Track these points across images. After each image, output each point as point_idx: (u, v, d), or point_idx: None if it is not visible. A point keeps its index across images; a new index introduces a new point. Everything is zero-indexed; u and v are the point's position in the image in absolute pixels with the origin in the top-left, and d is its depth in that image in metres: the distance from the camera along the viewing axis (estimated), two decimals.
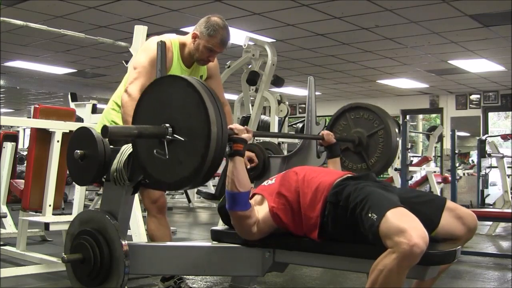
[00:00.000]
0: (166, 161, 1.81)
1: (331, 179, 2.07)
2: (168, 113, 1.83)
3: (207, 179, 1.82)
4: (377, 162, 2.84)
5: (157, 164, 1.86)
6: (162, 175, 1.86)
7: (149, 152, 1.87)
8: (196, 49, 2.69)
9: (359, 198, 1.89)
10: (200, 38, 2.66)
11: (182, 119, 1.80)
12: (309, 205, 2.04)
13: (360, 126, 2.89)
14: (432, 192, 7.56)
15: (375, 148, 2.84)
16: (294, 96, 11.28)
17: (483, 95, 10.83)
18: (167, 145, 1.80)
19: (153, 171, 1.89)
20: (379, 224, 1.76)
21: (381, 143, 2.82)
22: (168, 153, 1.79)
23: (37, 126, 3.46)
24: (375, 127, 2.85)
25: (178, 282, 2.83)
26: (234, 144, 2.01)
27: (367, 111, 2.90)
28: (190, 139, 1.78)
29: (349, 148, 2.90)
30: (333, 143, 2.66)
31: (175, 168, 1.81)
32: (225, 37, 2.67)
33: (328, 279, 3.60)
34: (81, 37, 4.39)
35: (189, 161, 1.77)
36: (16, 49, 7.79)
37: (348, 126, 2.93)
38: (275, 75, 4.30)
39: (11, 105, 15.57)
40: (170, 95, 1.85)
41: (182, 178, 1.80)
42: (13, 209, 4.71)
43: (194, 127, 1.77)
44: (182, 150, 1.79)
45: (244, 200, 2.02)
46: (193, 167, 1.76)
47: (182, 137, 1.78)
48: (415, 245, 1.66)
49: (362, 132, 2.87)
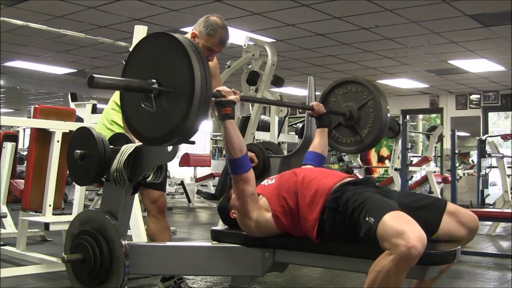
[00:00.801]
0: (154, 115, 1.85)
1: (330, 183, 2.07)
2: (154, 69, 1.88)
3: (195, 128, 1.85)
4: (370, 133, 2.85)
5: (145, 120, 1.91)
6: (151, 131, 1.91)
7: (137, 111, 1.91)
8: None
9: (357, 203, 1.90)
10: (199, 38, 2.66)
11: (167, 73, 1.86)
12: (308, 208, 2.04)
13: (349, 100, 2.90)
14: (432, 192, 7.57)
15: (367, 119, 2.85)
16: (294, 96, 11.28)
17: (483, 95, 10.83)
18: (154, 100, 1.84)
19: (142, 128, 1.93)
20: (377, 227, 1.76)
21: (372, 113, 2.83)
22: (155, 106, 1.84)
23: (37, 126, 3.46)
24: (364, 99, 2.85)
25: (178, 282, 2.83)
26: (223, 108, 2.06)
27: (355, 84, 2.91)
28: (176, 89, 1.83)
29: (341, 123, 2.92)
30: (322, 113, 2.67)
31: (163, 121, 1.85)
32: (224, 37, 2.67)
33: (328, 279, 3.60)
34: (81, 37, 4.39)
35: (176, 112, 1.81)
36: (16, 49, 7.80)
37: (338, 102, 2.94)
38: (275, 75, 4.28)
39: (11, 105, 15.57)
40: (155, 51, 1.90)
41: (171, 129, 1.83)
42: (13, 209, 4.70)
43: (178, 77, 1.83)
44: (169, 102, 1.84)
45: (243, 162, 2.09)
46: (180, 117, 1.80)
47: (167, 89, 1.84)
48: (412, 247, 1.66)
49: (352, 106, 2.88)
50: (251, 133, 4.14)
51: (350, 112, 2.87)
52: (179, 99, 1.81)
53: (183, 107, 1.79)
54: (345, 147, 2.97)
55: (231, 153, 2.06)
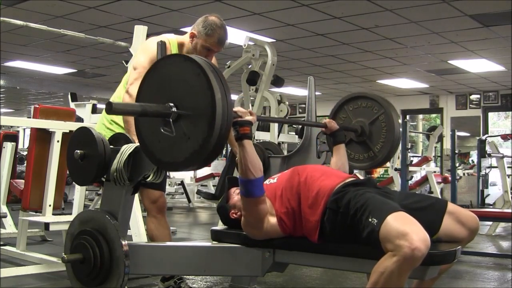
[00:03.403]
0: (173, 140, 1.78)
1: (332, 183, 2.06)
2: (170, 92, 1.82)
3: (217, 151, 1.79)
4: (383, 148, 2.80)
5: (164, 145, 1.83)
6: (170, 156, 1.83)
7: (155, 136, 1.85)
8: (194, 48, 2.69)
9: (359, 204, 1.89)
10: (197, 38, 2.66)
11: (184, 95, 1.79)
12: (310, 209, 2.04)
13: (360, 115, 2.86)
14: (432, 192, 7.57)
15: (379, 134, 2.80)
16: (294, 96, 11.28)
17: (483, 95, 10.83)
18: (173, 124, 1.78)
19: (161, 154, 1.86)
20: (380, 228, 1.76)
21: (384, 128, 2.79)
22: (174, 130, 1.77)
23: (37, 126, 3.46)
24: (375, 113, 2.81)
25: (178, 282, 2.83)
26: (241, 128, 1.98)
27: (364, 99, 2.87)
28: (195, 111, 1.76)
29: (353, 139, 2.87)
30: (336, 130, 2.63)
31: (184, 144, 1.77)
32: (223, 36, 2.67)
33: (328, 279, 3.60)
34: (81, 37, 4.39)
35: (197, 134, 1.74)
36: (16, 49, 7.79)
37: (348, 118, 2.90)
38: (275, 75, 4.29)
39: (11, 105, 15.57)
40: (170, 74, 1.85)
41: (192, 153, 1.76)
42: (13, 209, 4.71)
43: (197, 98, 1.76)
44: (188, 125, 1.77)
45: (260, 184, 2.02)
46: (202, 139, 1.72)
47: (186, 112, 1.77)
48: (416, 248, 1.66)
49: (363, 121, 2.84)
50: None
51: (361, 128, 2.82)
52: (199, 122, 1.74)
53: (204, 129, 1.71)
54: (358, 164, 2.89)
55: (251, 173, 1.97)
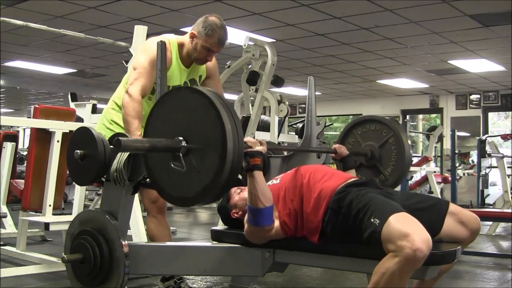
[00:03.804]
0: (183, 174, 1.75)
1: (334, 184, 2.06)
2: (179, 125, 1.80)
3: (229, 185, 1.76)
4: (394, 171, 2.77)
5: (174, 180, 1.80)
6: (181, 190, 1.81)
7: (164, 170, 1.82)
8: (194, 48, 2.69)
9: (361, 204, 1.89)
10: (198, 38, 2.66)
11: (194, 129, 1.77)
12: (312, 210, 2.04)
13: (369, 139, 2.84)
14: (432, 192, 7.57)
15: (389, 158, 2.78)
16: (294, 96, 11.27)
17: (483, 95, 10.83)
18: (183, 157, 1.74)
19: (171, 188, 1.84)
20: (382, 229, 1.76)
21: (394, 151, 2.77)
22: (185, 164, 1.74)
23: (37, 126, 3.46)
24: (385, 136, 2.80)
25: (178, 282, 2.83)
26: (251, 159, 1.96)
27: (373, 123, 2.86)
28: (205, 145, 1.73)
29: (363, 164, 2.85)
30: (346, 155, 2.64)
31: (195, 179, 1.75)
32: (223, 37, 2.67)
33: (328, 279, 3.60)
34: (81, 37, 4.39)
35: (208, 167, 1.71)
36: (16, 49, 7.79)
37: (357, 142, 2.88)
38: (275, 75, 4.29)
39: (11, 105, 15.57)
40: (178, 107, 1.82)
41: (203, 187, 1.73)
42: (13, 209, 4.71)
43: (207, 132, 1.73)
44: (199, 159, 1.74)
45: (270, 214, 2.00)
46: (213, 172, 1.69)
47: (196, 145, 1.74)
48: (418, 249, 1.66)
49: (373, 145, 2.82)
50: (251, 133, 4.14)
51: (371, 152, 2.81)
52: (210, 155, 1.71)
53: (216, 163, 1.69)
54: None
55: (261, 202, 1.96)
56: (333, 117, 13.36)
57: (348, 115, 13.85)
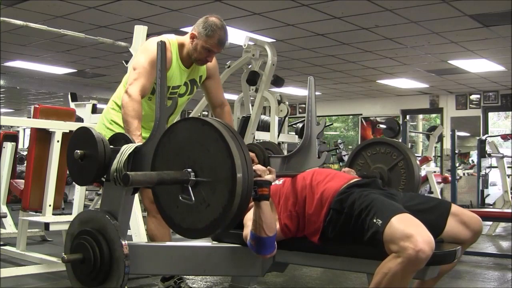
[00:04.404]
0: (192, 206, 1.74)
1: (337, 185, 2.06)
2: (188, 156, 1.78)
3: (238, 217, 1.74)
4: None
5: (183, 211, 1.80)
6: (190, 222, 1.79)
7: (172, 201, 1.81)
8: (194, 49, 2.68)
9: (364, 205, 1.89)
10: (198, 39, 2.66)
11: (203, 161, 1.74)
12: (314, 211, 2.04)
13: (378, 161, 2.83)
14: (432, 192, 7.57)
15: (398, 181, 2.77)
16: (294, 96, 11.27)
17: (483, 95, 10.83)
18: (192, 189, 1.73)
19: (179, 219, 1.83)
20: (384, 229, 1.76)
21: (403, 174, 2.76)
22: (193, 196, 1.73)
23: (37, 126, 3.47)
24: (394, 159, 2.79)
25: (178, 282, 2.83)
26: (259, 189, 1.94)
27: (383, 146, 2.85)
28: (214, 178, 1.71)
29: None
30: None
31: (203, 212, 1.74)
32: (223, 37, 2.67)
33: (328, 279, 3.60)
34: (81, 37, 4.39)
35: (217, 201, 1.70)
36: (16, 49, 7.79)
37: (366, 164, 2.87)
38: (275, 75, 4.29)
39: (11, 105, 15.57)
40: (187, 137, 1.80)
41: (212, 221, 1.71)
42: (13, 209, 4.71)
43: (216, 165, 1.71)
44: (208, 192, 1.72)
45: (272, 242, 1.99)
46: (222, 206, 1.68)
47: (205, 178, 1.73)
48: (420, 250, 1.66)
49: (382, 167, 2.81)
50: (251, 133, 4.14)
51: (380, 175, 2.79)
52: (219, 189, 1.70)
53: (225, 197, 1.67)
54: None
55: (264, 232, 1.95)
56: (333, 117, 13.36)
57: (348, 115, 13.86)
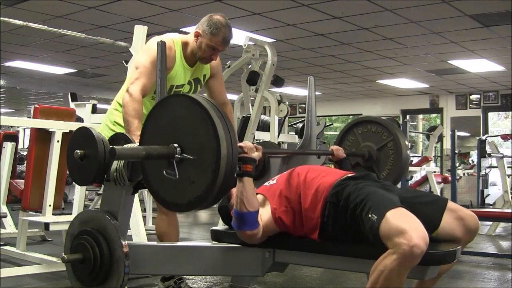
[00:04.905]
0: (177, 182, 1.77)
1: (332, 179, 2.06)
2: (176, 133, 1.80)
3: (220, 196, 1.78)
4: (389, 175, 2.79)
5: (168, 186, 1.82)
6: (175, 197, 1.83)
7: (159, 175, 1.83)
8: (198, 47, 2.67)
9: (359, 199, 1.88)
10: (202, 37, 2.65)
11: (190, 138, 1.77)
12: (310, 206, 2.03)
13: (368, 140, 2.85)
14: (432, 192, 7.57)
15: (386, 161, 2.79)
16: (294, 96, 11.27)
17: (483, 95, 10.83)
18: (177, 165, 1.76)
19: (165, 194, 1.86)
20: (379, 225, 1.75)
21: (391, 155, 2.78)
22: (178, 173, 1.76)
23: (37, 126, 3.46)
24: (384, 140, 2.80)
25: (178, 282, 2.82)
26: (243, 165, 1.97)
27: (374, 125, 2.86)
28: (200, 157, 1.74)
29: (359, 164, 2.85)
30: (342, 158, 2.65)
31: (187, 188, 1.77)
32: (228, 36, 2.65)
33: (328, 279, 3.60)
34: (81, 37, 4.38)
35: (201, 180, 1.73)
36: (16, 49, 7.79)
37: (356, 141, 2.89)
38: (275, 75, 4.29)
39: (11, 105, 15.57)
40: (177, 114, 1.82)
41: (195, 197, 1.76)
42: (13, 209, 4.71)
43: (203, 144, 1.74)
44: (193, 169, 1.76)
45: (252, 219, 2.00)
46: (205, 185, 1.72)
47: (191, 156, 1.75)
48: (415, 245, 1.66)
49: (371, 146, 2.83)
50: (251, 133, 4.14)
51: (369, 153, 2.82)
52: (204, 168, 1.73)
53: (209, 177, 1.71)
54: None
55: (244, 207, 1.97)
56: (333, 117, 13.37)
57: (348, 115, 13.86)
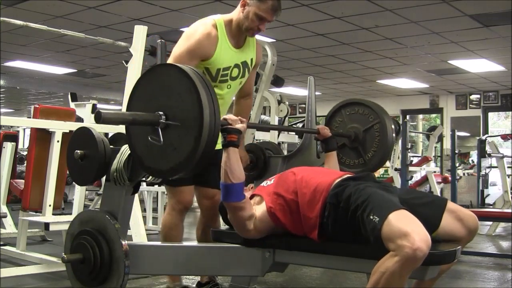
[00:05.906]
0: (160, 148, 1.83)
1: (330, 179, 2.06)
2: (162, 100, 1.86)
3: (201, 164, 1.83)
4: (374, 157, 2.83)
5: (152, 152, 1.88)
6: (158, 163, 1.88)
7: (143, 141, 1.89)
8: (245, 17, 2.56)
9: (360, 200, 1.88)
10: (249, 5, 2.53)
11: (174, 106, 1.83)
12: (308, 206, 2.03)
13: (355, 121, 2.89)
14: (432, 192, 7.56)
15: (371, 143, 2.83)
16: (294, 96, 11.27)
17: (483, 95, 10.83)
18: (161, 132, 1.82)
19: (149, 161, 1.91)
20: (381, 227, 1.75)
21: (377, 137, 2.82)
22: (162, 139, 1.81)
23: (37, 126, 3.46)
24: (371, 122, 2.84)
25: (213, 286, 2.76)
26: (228, 135, 2.02)
27: (362, 107, 2.89)
28: (183, 124, 1.80)
29: (346, 144, 2.90)
30: (328, 137, 2.65)
31: (170, 154, 1.83)
32: (276, 4, 2.53)
33: (328, 279, 3.60)
34: (81, 37, 4.38)
35: (183, 146, 1.80)
36: (16, 49, 7.79)
37: (343, 122, 2.92)
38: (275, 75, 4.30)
39: (11, 105, 15.56)
40: (164, 83, 1.87)
41: (177, 163, 1.82)
42: (13, 209, 4.71)
43: (186, 112, 1.80)
44: (176, 136, 1.82)
45: (237, 190, 2.04)
46: (187, 152, 1.78)
47: (175, 123, 1.81)
48: (418, 248, 1.66)
49: (358, 127, 2.87)
50: (251, 133, 4.14)
51: (355, 134, 2.85)
52: (186, 135, 1.79)
53: (190, 143, 1.77)
54: (349, 169, 2.88)
55: (228, 178, 2.01)
56: None
57: None
